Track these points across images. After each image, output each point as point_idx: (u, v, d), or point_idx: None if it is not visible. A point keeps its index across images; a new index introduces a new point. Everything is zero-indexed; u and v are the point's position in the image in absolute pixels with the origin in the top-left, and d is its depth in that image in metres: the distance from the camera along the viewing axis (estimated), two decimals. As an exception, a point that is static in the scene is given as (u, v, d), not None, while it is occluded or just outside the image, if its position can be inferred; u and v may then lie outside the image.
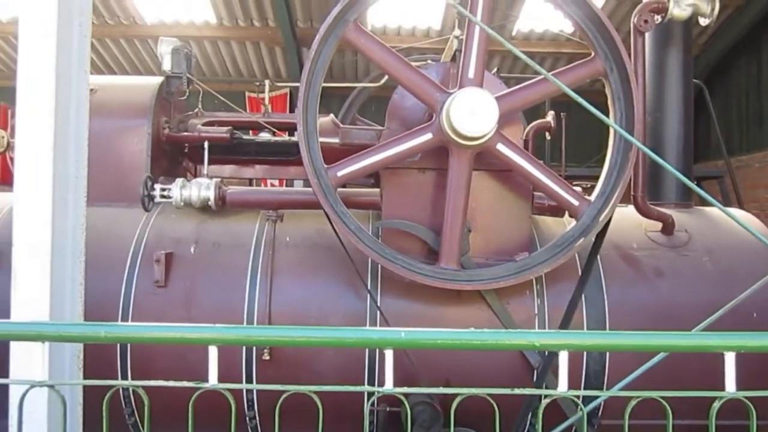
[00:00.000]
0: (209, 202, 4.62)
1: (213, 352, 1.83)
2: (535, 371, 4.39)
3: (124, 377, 4.42)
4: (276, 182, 10.85)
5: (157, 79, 5.31)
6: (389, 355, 1.87)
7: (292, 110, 12.65)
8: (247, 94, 12.83)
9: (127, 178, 4.89)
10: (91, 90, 3.39)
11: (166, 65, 5.36)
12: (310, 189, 4.80)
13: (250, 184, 7.08)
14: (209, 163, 5.18)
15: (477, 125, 3.93)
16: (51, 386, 1.87)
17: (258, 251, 4.58)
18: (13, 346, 2.51)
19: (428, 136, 4.17)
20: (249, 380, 4.40)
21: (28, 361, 2.42)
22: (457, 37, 4.73)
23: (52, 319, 2.56)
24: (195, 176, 5.90)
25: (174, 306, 4.44)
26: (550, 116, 5.64)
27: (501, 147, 4.18)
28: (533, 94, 4.34)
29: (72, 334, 1.90)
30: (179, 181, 4.65)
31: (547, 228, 4.79)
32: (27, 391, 1.86)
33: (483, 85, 4.18)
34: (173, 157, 5.57)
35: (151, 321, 4.40)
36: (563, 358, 1.83)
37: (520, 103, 4.29)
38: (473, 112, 3.91)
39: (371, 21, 11.05)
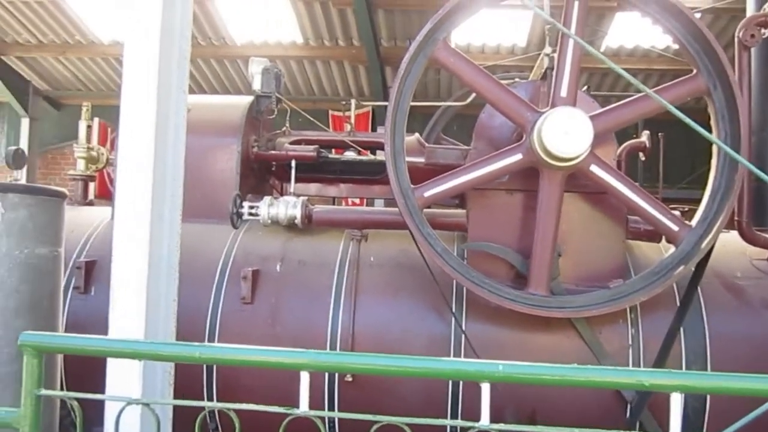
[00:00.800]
0: (296, 221, 4.65)
1: (305, 378, 1.79)
2: (629, 405, 4.16)
3: (210, 391, 4.49)
4: (357, 201, 10.92)
5: (247, 99, 5.42)
6: (485, 389, 1.77)
7: (374, 129, 12.72)
8: (330, 112, 13.00)
9: (217, 196, 4.98)
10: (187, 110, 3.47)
11: (256, 85, 5.47)
12: (395, 209, 4.78)
13: (333, 203, 7.14)
14: (295, 181, 5.23)
15: (570, 146, 3.80)
16: (146, 404, 1.89)
17: (342, 270, 4.57)
18: (110, 362, 2.58)
19: (518, 156, 4.06)
20: (331, 401, 4.37)
21: (124, 377, 2.46)
22: (548, 55, 4.61)
23: (147, 336, 2.61)
24: (281, 194, 5.98)
25: (259, 323, 4.48)
26: (644, 136, 5.40)
27: (594, 168, 4.02)
28: (629, 114, 4.16)
29: (168, 354, 1.91)
30: (267, 199, 4.71)
31: (642, 254, 4.55)
32: (123, 408, 1.88)
33: (576, 104, 4.05)
34: (261, 175, 5.66)
35: (236, 337, 4.47)
36: (676, 400, 1.69)
37: (615, 122, 4.12)
38: (567, 132, 3.78)
39: (455, 39, 10.98)
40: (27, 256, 2.95)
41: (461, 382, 4.23)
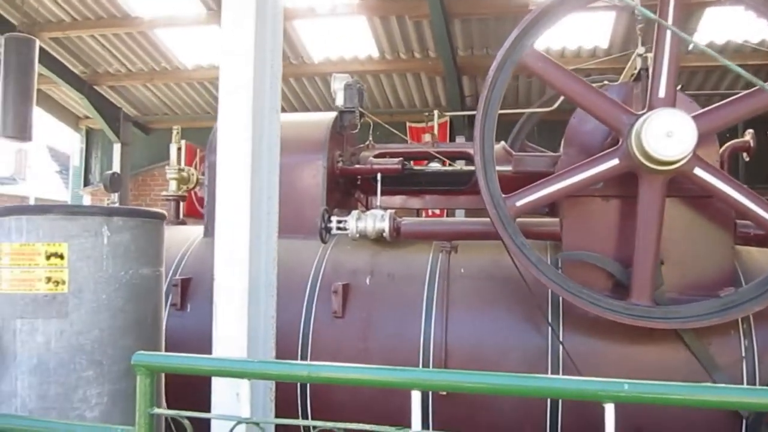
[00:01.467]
0: (384, 234, 4.62)
1: (416, 397, 1.73)
2: (744, 421, 3.89)
3: (304, 405, 4.49)
4: (437, 212, 10.81)
5: (331, 115, 5.46)
6: (610, 410, 1.66)
7: (452, 138, 12.62)
8: (408, 124, 13.00)
9: (304, 211, 5.02)
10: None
11: (339, 100, 5.51)
12: (484, 219, 4.67)
13: (418, 215, 7.08)
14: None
15: (673, 148, 3.61)
16: (256, 424, 1.88)
17: (432, 283, 4.50)
18: (215, 380, 2.60)
19: (614, 161, 3.90)
20: (425, 416, 4.30)
21: (229, 394, 2.48)
22: (640, 55, 4.43)
23: (249, 353, 2.62)
24: (366, 207, 5.99)
25: (351, 337, 4.46)
26: (748, 135, 5.08)
27: (699, 171, 3.80)
28: (735, 112, 3.92)
29: (277, 373, 1.90)
30: (355, 213, 4.70)
31: (752, 260, 4.27)
32: (234, 427, 1.88)
33: (675, 104, 3.85)
34: (345, 189, 5.68)
35: (328, 351, 4.47)
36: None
37: (720, 122, 3.89)
38: (668, 134, 3.59)
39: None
40: (131, 276, 3.03)
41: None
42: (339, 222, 4.69)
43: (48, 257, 2.86)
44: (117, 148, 15.57)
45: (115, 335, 2.96)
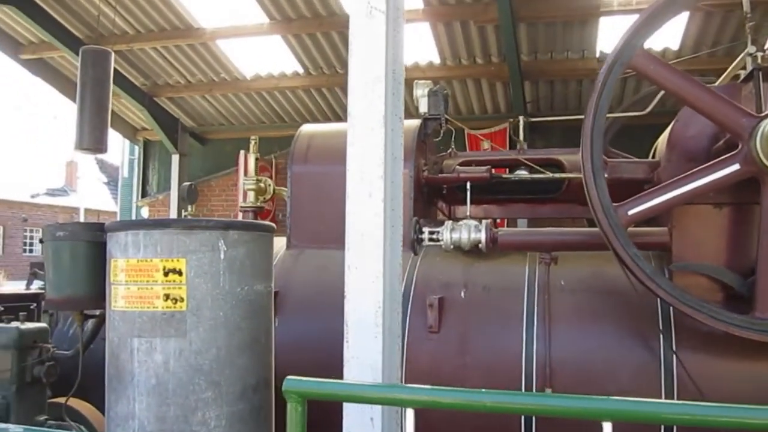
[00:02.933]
0: (480, 245, 4.45)
1: (608, 429, 1.58)
2: None
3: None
4: (498, 221, 10.55)
5: (415, 122, 5.32)
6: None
7: (512, 146, 12.37)
8: (466, 131, 12.79)
9: (392, 222, 4.89)
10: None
11: (423, 107, 5.39)
12: (583, 229, 4.49)
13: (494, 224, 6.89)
14: (464, 203, 5.06)
15: (807, 152, 3.38)
16: (421, 457, 1.74)
17: (532, 296, 4.32)
18: (347, 405, 2.45)
19: (735, 167, 3.68)
20: (528, 435, 4.11)
21: (362, 419, 2.35)
22: (751, 55, 4.20)
23: (384, 375, 2.49)
24: (449, 217, 5.84)
25: (448, 353, 4.31)
26: None
27: (827, 175, 3.56)
28: None
29: (452, 401, 1.75)
30: (448, 223, 4.55)
31: None
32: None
33: (799, 104, 3.62)
34: (428, 198, 5.54)
35: (425, 368, 4.32)
36: None
37: None
38: (801, 136, 3.37)
39: (600, 46, 10.47)
40: (246, 293, 2.94)
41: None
42: (431, 233, 4.54)
43: (166, 273, 2.78)
44: (175, 159, 15.73)
45: (232, 354, 2.86)
